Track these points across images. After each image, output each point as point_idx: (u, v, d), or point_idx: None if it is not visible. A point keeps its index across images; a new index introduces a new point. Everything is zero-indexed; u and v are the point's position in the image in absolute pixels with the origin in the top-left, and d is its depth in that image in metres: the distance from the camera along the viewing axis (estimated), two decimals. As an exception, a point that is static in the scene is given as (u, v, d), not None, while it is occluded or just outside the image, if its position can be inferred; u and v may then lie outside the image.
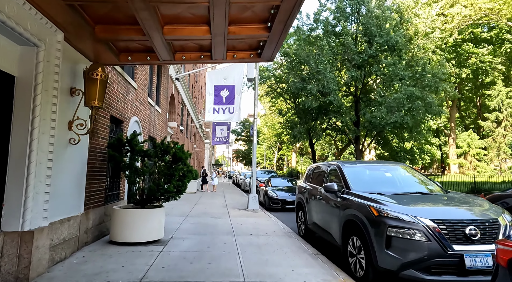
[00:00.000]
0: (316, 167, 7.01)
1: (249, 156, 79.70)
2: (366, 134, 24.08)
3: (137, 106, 8.64)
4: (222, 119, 15.02)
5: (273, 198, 12.16)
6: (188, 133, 23.24)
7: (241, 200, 15.79)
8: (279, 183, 14.14)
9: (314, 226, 6.23)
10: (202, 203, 13.64)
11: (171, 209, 11.17)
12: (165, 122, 13.31)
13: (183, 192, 6.30)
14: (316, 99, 21.98)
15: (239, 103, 14.72)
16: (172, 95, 15.32)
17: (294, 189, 13.15)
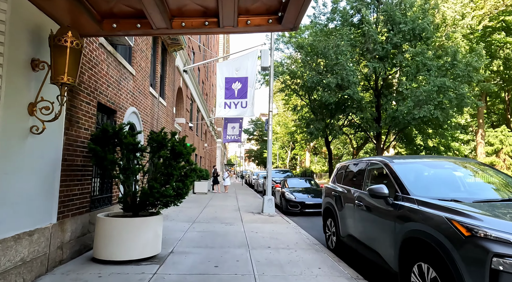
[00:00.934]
0: (349, 165, 5.67)
1: (261, 155, 78.44)
2: (387, 131, 22.43)
3: (135, 96, 7.49)
4: (234, 114, 13.80)
5: (291, 201, 10.85)
6: (198, 131, 22.15)
7: (254, 202, 14.54)
8: (297, 183, 12.81)
9: (350, 240, 4.90)
10: (212, 206, 12.46)
11: (177, 213, 10.00)
12: (172, 117, 12.19)
13: (184, 195, 5.07)
14: (334, 94, 20.53)
15: (252, 96, 13.50)
16: (179, 88, 14.20)
17: (314, 190, 11.81)
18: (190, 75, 16.15)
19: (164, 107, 10.75)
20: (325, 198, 6.16)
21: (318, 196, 11.08)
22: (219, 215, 9.95)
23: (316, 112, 23.19)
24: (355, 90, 19.47)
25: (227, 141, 27.36)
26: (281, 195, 11.71)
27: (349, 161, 5.79)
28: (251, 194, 19.88)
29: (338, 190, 5.52)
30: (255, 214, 10.41)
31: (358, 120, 22.18)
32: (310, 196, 11.01)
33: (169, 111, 11.61)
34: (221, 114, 13.71)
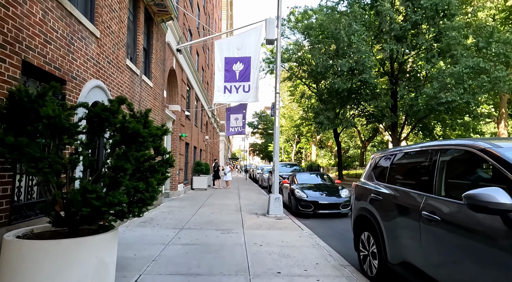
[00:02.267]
0: (398, 154, 3.85)
1: (266, 149, 76.69)
2: (404, 121, 20.50)
3: (102, 66, 5.72)
4: (235, 100, 12.00)
5: (302, 200, 9.08)
6: (198, 122, 20.40)
7: (259, 199, 12.81)
8: (307, 179, 11.02)
9: (407, 270, 3.12)
10: (210, 204, 10.75)
11: (165, 214, 8.29)
12: (162, 102, 10.43)
13: (150, 201, 3.31)
14: (348, 80, 18.60)
15: (256, 79, 11.69)
16: (172, 70, 12.42)
17: (328, 187, 10.03)
18: (186, 58, 14.34)
19: (150, 89, 8.98)
20: (358, 202, 4.37)
21: (333, 194, 9.30)
22: (216, 217, 8.22)
23: (326, 101, 21.31)
24: (371, 74, 17.53)
25: (231, 134, 25.58)
26: (289, 193, 9.95)
27: (396, 149, 3.98)
28: (255, 189, 18.17)
29: (382, 192, 3.72)
30: (260, 215, 8.67)
31: (373, 109, 20.25)
32: (324, 194, 9.23)
33: (158, 94, 9.85)
34: (221, 100, 11.92)
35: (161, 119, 10.34)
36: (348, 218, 8.92)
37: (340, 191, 9.40)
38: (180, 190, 13.75)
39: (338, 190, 9.54)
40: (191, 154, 17.21)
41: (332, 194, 9.26)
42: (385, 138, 51.54)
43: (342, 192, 9.35)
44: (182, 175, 14.50)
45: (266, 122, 76.62)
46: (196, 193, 15.38)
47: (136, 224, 7.05)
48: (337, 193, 9.30)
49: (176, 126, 13.36)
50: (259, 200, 12.69)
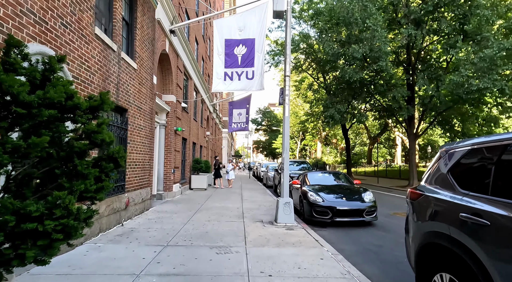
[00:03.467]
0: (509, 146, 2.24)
1: (270, 146, 75.11)
2: (422, 114, 18.79)
3: (50, 27, 4.18)
4: (237, 88, 10.47)
5: (317, 205, 7.50)
6: (198, 116, 18.87)
7: (264, 201, 11.27)
8: (320, 179, 9.43)
9: None
10: (207, 209, 9.22)
11: (151, 224, 6.77)
12: (151, 89, 8.89)
13: (78, 227, 1.76)
14: (360, 69, 16.93)
15: (261, 64, 10.19)
16: (165, 54, 10.87)
17: (347, 189, 8.45)
18: (182, 43, 12.79)
19: (134, 71, 7.44)
20: (425, 223, 2.78)
21: (354, 197, 7.72)
22: (212, 227, 6.69)
23: (337, 93, 19.65)
24: (387, 62, 15.84)
25: (233, 130, 23.98)
26: (301, 196, 8.38)
27: (505, 136, 2.36)
28: (260, 189, 16.63)
29: (487, 212, 2.13)
30: (266, 224, 7.13)
31: (387, 102, 18.54)
32: (344, 198, 7.64)
33: (145, 79, 8.30)
34: (220, 88, 10.40)
35: (150, 109, 8.81)
36: (373, 227, 7.34)
37: (362, 194, 7.82)
38: (175, 190, 12.25)
39: (360, 192, 7.96)
40: (189, 150, 15.70)
41: (353, 198, 7.68)
42: (394, 134, 49.73)
43: (365, 195, 7.76)
44: (178, 174, 12.99)
45: (270, 118, 75.09)
46: (194, 193, 13.87)
47: (110, 238, 5.53)
48: (359, 197, 7.72)
49: (170, 119, 11.83)
50: (265, 202, 11.15)
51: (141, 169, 8.06)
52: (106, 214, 5.89)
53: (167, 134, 11.73)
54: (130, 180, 7.22)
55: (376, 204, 7.57)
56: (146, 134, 8.43)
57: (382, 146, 61.93)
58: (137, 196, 7.70)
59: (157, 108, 10.74)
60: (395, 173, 29.51)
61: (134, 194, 7.50)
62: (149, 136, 8.74)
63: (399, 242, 6.04)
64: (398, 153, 51.60)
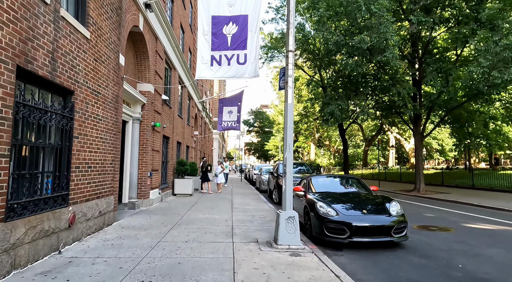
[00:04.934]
0: None
1: (262, 148, 73.37)
2: (429, 112, 17.24)
3: None
4: (226, 75, 8.66)
5: (330, 220, 5.70)
6: (184, 112, 16.97)
7: (258, 210, 9.43)
8: (329, 184, 7.63)
9: None
10: (188, 222, 7.33)
11: (103, 250, 4.84)
12: (115, 72, 6.99)
13: None
14: (364, 61, 15.29)
15: (255, 47, 8.47)
16: (139, 33, 8.99)
17: (365, 198, 6.69)
18: (163, 25, 10.91)
19: (86, 42, 5.54)
20: None
21: (377, 209, 5.96)
22: (189, 254, 4.82)
23: (336, 87, 17.98)
24: (394, 54, 14.23)
25: (223, 129, 22.03)
26: (306, 207, 6.58)
27: None
28: (253, 194, 14.77)
29: None
30: (263, 246, 5.31)
31: (391, 98, 16.93)
32: (364, 211, 5.86)
33: (105, 55, 6.41)
34: (206, 74, 8.60)
35: (114, 96, 6.90)
36: (404, 250, 5.57)
37: (387, 205, 6.06)
38: (153, 197, 10.32)
39: (383, 203, 6.20)
40: (172, 150, 13.78)
41: (376, 210, 5.90)
42: (388, 136, 48.51)
43: (391, 206, 6.00)
44: (157, 178, 11.07)
45: (263, 120, 73.41)
46: (176, 200, 11.95)
47: (30, 277, 3.63)
48: (384, 208, 5.96)
49: (147, 112, 9.93)
50: (259, 212, 9.31)
51: (99, 172, 6.16)
52: (29, 239, 3.98)
53: (142, 131, 9.82)
54: (78, 188, 5.32)
55: (405, 218, 5.82)
56: (107, 127, 6.53)
57: (376, 148, 60.86)
58: (91, 209, 5.79)
59: (128, 98, 8.83)
60: (394, 175, 28.02)
61: (86, 206, 5.59)
62: (113, 131, 6.84)
63: (452, 276, 4.27)
64: (392, 155, 50.47)
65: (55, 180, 4.79)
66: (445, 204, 12.81)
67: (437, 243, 6.05)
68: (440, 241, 6.18)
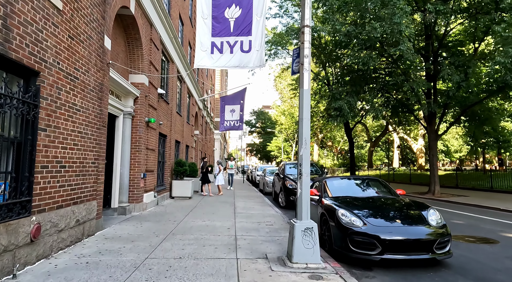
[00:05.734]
0: None
1: (264, 148, 72.30)
2: (444, 110, 16.16)
3: None
4: (229, 64, 7.69)
5: (356, 231, 4.65)
6: (183, 110, 15.96)
7: (264, 215, 8.38)
8: (348, 188, 6.57)
9: None
10: (184, 231, 6.30)
11: (76, 270, 3.79)
12: (100, 55, 5.98)
13: None
14: (376, 54, 14.26)
15: (261, 33, 7.56)
16: (129, 16, 7.99)
17: (394, 203, 5.64)
18: (159, 12, 9.92)
19: (58, 14, 4.54)
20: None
21: (413, 219, 4.89)
22: (182, 276, 3.78)
23: (345, 84, 16.94)
24: (408, 46, 13.21)
25: (225, 129, 21.00)
26: (324, 214, 5.54)
27: None
28: (256, 197, 13.72)
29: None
30: (275, 265, 4.27)
31: (407, 94, 15.87)
32: (398, 221, 4.81)
33: (84, 33, 5.40)
34: (206, 63, 7.64)
35: (98, 84, 5.90)
36: (450, 270, 4.51)
37: (423, 213, 5.01)
38: (147, 201, 9.30)
39: (419, 210, 5.14)
40: (170, 150, 12.77)
41: (411, 220, 4.85)
42: (392, 137, 47.36)
43: (429, 214, 4.95)
44: (152, 179, 10.06)
45: (265, 120, 72.37)
46: (174, 204, 10.92)
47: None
48: (420, 217, 4.90)
49: (140, 106, 8.92)
50: (265, 217, 8.27)
51: (77, 173, 5.14)
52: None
53: (135, 127, 8.81)
54: (46, 192, 4.30)
55: (448, 230, 4.76)
56: (89, 120, 5.52)
57: (380, 148, 59.67)
58: (65, 218, 4.76)
59: (118, 90, 7.82)
60: (403, 177, 26.90)
61: (58, 215, 4.57)
62: (96, 125, 5.83)
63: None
64: (396, 156, 49.32)
65: (12, 183, 3.77)
66: (468, 208, 11.72)
67: (485, 260, 4.98)
68: (489, 257, 5.11)
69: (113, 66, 7.61)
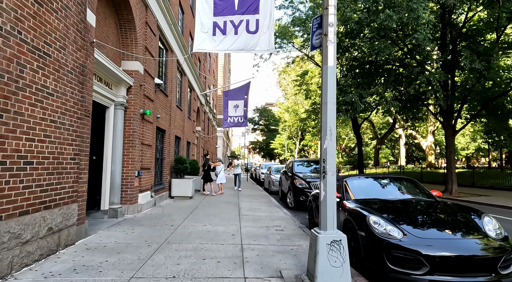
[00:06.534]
0: None
1: (267, 146, 71.31)
2: (461, 104, 15.09)
3: None
4: (233, 46, 6.73)
5: (395, 244, 3.70)
6: (184, 104, 15.03)
7: (272, 218, 7.43)
8: (372, 189, 5.57)
9: None
10: (182, 239, 5.37)
11: None
12: (81, 31, 5.04)
13: None
14: (391, 43, 13.24)
15: (269, 11, 6.65)
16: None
17: (439, 210, 4.66)
18: None
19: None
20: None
21: (464, 227, 3.94)
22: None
23: (356, 76, 15.93)
24: (426, 35, 12.17)
25: (229, 125, 19.96)
26: (350, 221, 4.59)
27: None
28: (262, 196, 12.77)
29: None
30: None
31: (422, 87, 14.83)
32: (447, 230, 3.85)
33: (61, 4, 4.47)
34: (206, 46, 6.70)
35: (78, 65, 4.96)
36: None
37: (477, 220, 4.04)
38: (142, 202, 8.39)
39: (470, 217, 4.18)
40: (169, 146, 11.86)
41: (463, 230, 3.89)
42: (398, 134, 46.20)
43: (484, 222, 3.99)
44: (149, 177, 9.15)
45: (268, 118, 71.38)
46: (173, 204, 10.01)
47: None
48: (473, 226, 3.94)
49: (134, 97, 7.99)
50: (274, 221, 7.33)
51: (49, 170, 4.22)
52: None
53: (128, 119, 7.89)
54: (1, 195, 3.38)
55: (511, 242, 3.79)
56: (66, 108, 4.59)
57: (385, 146, 58.47)
58: (32, 226, 3.85)
59: (108, 77, 6.89)
60: (413, 175, 25.83)
61: (21, 223, 3.65)
62: (76, 113, 4.90)
63: None
64: (402, 153, 48.17)
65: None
66: (494, 210, 10.72)
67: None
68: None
69: (102, 49, 6.68)
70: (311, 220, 6.99)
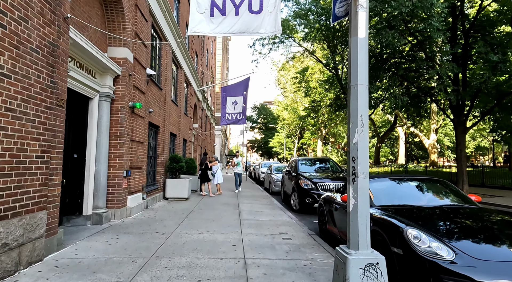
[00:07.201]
0: None
1: (266, 145, 70.46)
2: (473, 99, 14.30)
3: None
4: (233, 29, 5.82)
5: (445, 269, 2.88)
6: (180, 99, 14.13)
7: (277, 224, 6.59)
8: (397, 193, 4.73)
9: None
10: (172, 252, 4.52)
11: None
12: (54, 6, 4.16)
13: None
14: (400, 33, 12.41)
15: None
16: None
17: (486, 220, 3.80)
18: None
19: None
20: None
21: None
22: None
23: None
24: (439, 24, 11.39)
25: (227, 123, 19.05)
26: (378, 234, 3.73)
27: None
28: (263, 197, 11.92)
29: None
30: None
31: (432, 82, 14.03)
32: (503, 246, 3.03)
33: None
34: (203, 29, 5.80)
35: (50, 45, 4.09)
36: None
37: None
38: (132, 205, 7.53)
39: None
40: (163, 143, 10.99)
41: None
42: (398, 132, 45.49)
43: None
44: (140, 178, 8.28)
45: (266, 116, 70.53)
46: (167, 207, 9.14)
47: None
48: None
49: (123, 87, 7.12)
50: (279, 227, 6.49)
51: (4, 172, 3.36)
52: None
53: (115, 113, 7.01)
54: None
55: None
56: (29, 94, 3.73)
57: (384, 144, 57.78)
58: (-24, 243, 2.98)
59: (91, 64, 6.00)
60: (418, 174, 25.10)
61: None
62: (44, 102, 4.03)
63: None
64: (402, 152, 47.47)
65: None
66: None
67: None
68: None
69: (83, 31, 5.79)
70: (322, 227, 6.16)
